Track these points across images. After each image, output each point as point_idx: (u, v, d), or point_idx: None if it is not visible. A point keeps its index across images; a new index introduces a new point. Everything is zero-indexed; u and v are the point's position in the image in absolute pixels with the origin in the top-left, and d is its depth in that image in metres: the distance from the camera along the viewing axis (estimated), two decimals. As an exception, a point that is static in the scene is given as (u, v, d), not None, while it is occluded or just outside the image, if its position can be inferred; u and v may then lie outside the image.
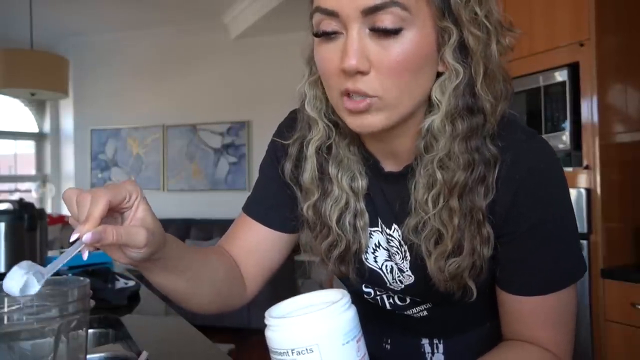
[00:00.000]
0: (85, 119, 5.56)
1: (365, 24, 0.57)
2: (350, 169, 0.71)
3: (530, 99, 2.03)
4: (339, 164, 0.71)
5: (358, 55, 0.57)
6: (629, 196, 1.92)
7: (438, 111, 0.61)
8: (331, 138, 0.70)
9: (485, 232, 0.63)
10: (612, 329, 1.78)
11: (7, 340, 0.53)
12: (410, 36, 0.57)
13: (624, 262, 1.88)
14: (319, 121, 0.70)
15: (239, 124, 5.04)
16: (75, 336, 0.58)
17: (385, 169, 0.71)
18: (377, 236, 0.74)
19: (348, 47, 0.57)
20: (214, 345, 0.99)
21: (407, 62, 0.58)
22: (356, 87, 0.59)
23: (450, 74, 0.61)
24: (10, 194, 5.66)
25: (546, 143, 0.66)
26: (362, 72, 0.58)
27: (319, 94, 0.69)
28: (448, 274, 0.64)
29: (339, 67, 0.59)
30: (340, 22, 0.58)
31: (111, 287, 1.35)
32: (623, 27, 1.95)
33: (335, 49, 0.59)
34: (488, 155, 0.62)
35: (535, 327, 0.66)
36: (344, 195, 0.71)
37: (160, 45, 5.29)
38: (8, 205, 1.89)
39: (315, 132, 0.70)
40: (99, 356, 0.98)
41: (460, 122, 0.61)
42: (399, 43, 0.57)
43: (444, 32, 0.59)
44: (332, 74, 0.61)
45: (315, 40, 0.63)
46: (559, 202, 0.65)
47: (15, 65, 3.29)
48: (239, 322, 4.06)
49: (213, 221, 4.91)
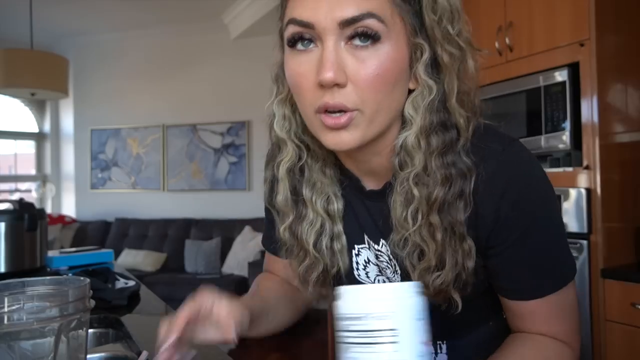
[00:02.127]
0: (85, 119, 5.56)
1: (341, 36, 0.56)
2: (325, 192, 0.70)
3: (530, 99, 2.02)
4: (313, 187, 0.70)
5: (335, 68, 0.56)
6: (629, 196, 1.92)
7: (411, 127, 0.61)
8: (302, 159, 0.69)
9: (466, 245, 0.63)
10: (612, 329, 1.78)
11: (7, 340, 0.53)
12: (386, 49, 0.57)
13: (624, 262, 1.88)
14: (288, 142, 0.68)
15: (239, 124, 5.04)
16: (75, 336, 0.58)
17: (367, 188, 0.71)
18: (365, 253, 0.74)
19: (325, 59, 0.56)
20: (214, 345, 0.99)
21: (384, 75, 0.57)
22: (336, 102, 0.57)
23: (423, 90, 0.61)
24: (10, 194, 5.66)
25: (522, 149, 0.65)
26: (339, 84, 0.57)
27: (287, 112, 0.68)
28: (433, 289, 0.63)
29: (314, 81, 0.58)
30: (316, 34, 0.57)
31: (111, 287, 1.35)
32: (623, 27, 1.95)
33: (310, 63, 0.58)
34: (464, 169, 0.61)
35: (540, 324, 0.67)
36: (319, 218, 0.70)
37: (160, 45, 5.29)
38: (8, 205, 1.90)
39: (284, 153, 0.69)
40: (99, 356, 0.98)
41: (435, 138, 0.61)
42: (375, 55, 0.57)
43: (417, 49, 0.60)
44: (307, 89, 0.59)
45: (287, 54, 0.61)
46: (543, 206, 0.64)
47: (15, 65, 3.29)
48: (239, 322, 4.06)
49: (213, 221, 4.91)
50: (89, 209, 5.55)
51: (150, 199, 5.39)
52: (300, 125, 0.67)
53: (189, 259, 4.62)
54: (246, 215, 4.77)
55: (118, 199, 5.49)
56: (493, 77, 2.18)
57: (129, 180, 5.48)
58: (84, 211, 5.56)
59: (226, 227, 4.75)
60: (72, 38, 5.44)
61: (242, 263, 4.28)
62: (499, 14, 2.18)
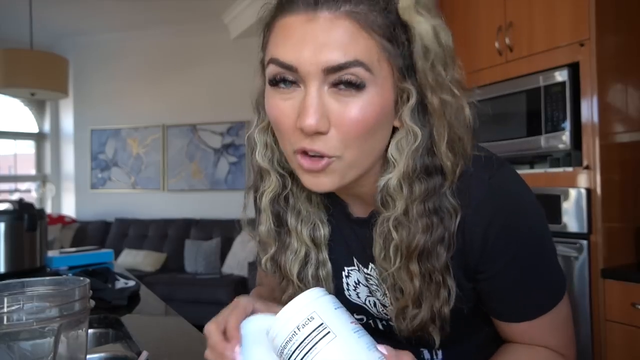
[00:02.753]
0: (85, 119, 5.56)
1: (325, 81, 0.54)
2: (311, 220, 0.69)
3: (530, 99, 2.02)
4: (298, 215, 0.68)
5: (318, 115, 0.54)
6: (629, 196, 1.92)
7: (394, 170, 0.60)
8: (287, 188, 0.67)
9: (444, 294, 0.62)
10: (612, 329, 1.78)
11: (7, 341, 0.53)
12: (371, 95, 0.55)
13: (624, 262, 1.88)
14: (272, 171, 0.66)
15: (239, 124, 5.04)
16: (75, 336, 0.58)
17: (354, 215, 0.70)
18: (355, 274, 0.73)
19: (307, 105, 0.54)
20: (214, 345, 0.99)
21: (367, 121, 0.55)
22: (314, 148, 0.56)
23: (408, 134, 0.59)
24: (10, 194, 5.66)
25: (510, 173, 0.64)
26: (320, 132, 0.55)
27: (269, 141, 0.66)
28: (411, 326, 0.64)
29: (294, 124, 0.56)
30: (299, 76, 0.55)
31: (111, 287, 1.34)
32: (623, 27, 1.95)
33: (292, 105, 0.56)
34: (449, 209, 0.60)
35: (535, 341, 0.66)
36: (303, 247, 0.68)
37: (160, 45, 5.29)
38: (8, 205, 1.89)
39: (267, 183, 0.67)
40: (99, 356, 0.98)
41: (418, 185, 0.59)
42: (359, 101, 0.54)
43: (403, 93, 0.58)
44: (286, 129, 0.57)
45: (269, 90, 0.59)
46: (531, 231, 0.63)
47: (15, 65, 3.28)
48: (239, 322, 4.06)
49: (213, 221, 4.91)
50: (88, 209, 5.55)
51: (150, 199, 5.39)
52: (283, 153, 0.64)
53: (188, 259, 4.62)
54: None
55: (118, 199, 5.49)
56: (493, 77, 2.18)
57: (129, 180, 5.48)
58: (83, 211, 5.56)
59: (226, 227, 4.75)
60: (72, 38, 5.44)
61: (242, 263, 4.28)
62: (499, 14, 2.18)
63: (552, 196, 1.93)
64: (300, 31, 0.54)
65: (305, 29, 0.54)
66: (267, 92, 0.60)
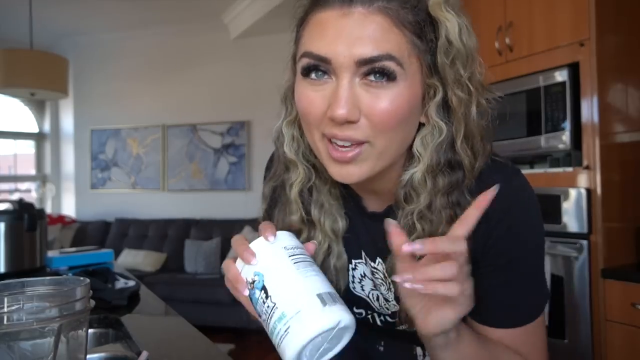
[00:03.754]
0: (85, 119, 5.56)
1: (357, 73, 0.56)
2: (332, 213, 0.71)
3: (530, 99, 2.03)
4: (321, 208, 0.71)
5: (349, 105, 0.56)
6: (629, 196, 1.92)
7: (419, 164, 0.62)
8: (311, 180, 0.70)
9: None
10: (612, 329, 1.78)
11: (7, 340, 0.53)
12: (401, 88, 0.57)
13: (624, 262, 1.88)
14: (299, 163, 0.69)
15: (239, 124, 5.04)
16: (75, 336, 0.58)
17: (368, 209, 0.72)
18: (361, 267, 0.74)
19: (339, 95, 0.56)
20: (214, 345, 0.99)
21: (397, 113, 0.57)
22: (345, 135, 0.57)
23: (433, 130, 0.61)
24: (10, 194, 5.66)
25: (524, 183, 0.65)
26: (351, 121, 0.57)
27: (296, 134, 0.69)
28: None
29: (324, 113, 0.58)
30: (332, 68, 0.57)
31: (111, 287, 1.35)
32: (623, 27, 1.95)
33: (323, 95, 0.58)
34: (466, 206, 0.61)
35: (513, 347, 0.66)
36: (327, 239, 0.71)
37: (160, 45, 5.29)
38: (8, 205, 1.89)
39: (294, 175, 0.70)
40: (99, 356, 0.98)
41: (442, 178, 0.62)
42: (390, 92, 0.56)
43: (430, 88, 0.60)
44: (315, 118, 0.59)
45: (299, 80, 0.61)
46: (532, 241, 0.65)
47: (15, 65, 3.28)
48: (239, 322, 4.06)
49: (213, 221, 4.91)
50: (88, 209, 5.55)
51: (150, 199, 5.39)
52: (308, 147, 0.68)
53: (188, 259, 4.62)
54: (246, 215, 4.77)
55: (118, 199, 5.49)
56: (493, 77, 2.18)
57: (128, 180, 5.48)
58: (83, 211, 5.56)
59: (226, 227, 4.75)
60: (72, 38, 5.44)
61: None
62: (499, 14, 2.18)
63: (552, 196, 1.93)
64: (335, 26, 0.56)
65: (341, 23, 0.56)
66: (297, 84, 0.62)
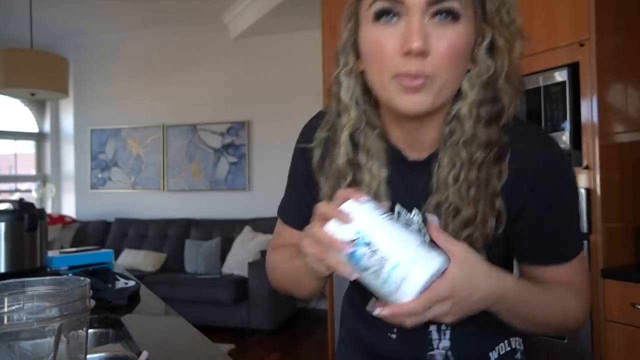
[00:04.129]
0: (85, 119, 5.56)
1: (426, 12, 0.63)
2: (379, 158, 0.75)
3: (530, 99, 2.02)
4: (368, 152, 0.75)
5: (423, 37, 0.62)
6: (629, 196, 1.92)
7: (465, 99, 0.69)
8: (361, 125, 0.75)
9: (497, 205, 0.69)
10: (612, 329, 1.78)
11: (7, 340, 0.53)
12: (463, 27, 0.64)
13: (624, 262, 1.88)
14: (352, 108, 0.74)
15: (239, 124, 5.04)
16: (75, 336, 0.58)
17: (409, 158, 0.76)
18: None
19: (413, 29, 0.62)
20: (214, 345, 0.99)
21: (459, 50, 0.64)
22: (418, 69, 0.63)
23: (480, 69, 0.68)
24: (10, 194, 5.66)
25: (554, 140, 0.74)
26: (424, 53, 0.62)
27: (352, 83, 0.74)
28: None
29: (397, 51, 0.64)
30: (404, 9, 0.63)
31: (111, 287, 1.35)
32: (623, 27, 1.95)
33: (394, 34, 0.64)
34: (504, 141, 0.69)
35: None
36: (374, 182, 0.75)
37: (160, 45, 5.29)
38: (8, 205, 1.89)
39: (346, 119, 0.75)
40: (99, 356, 0.98)
41: (484, 109, 0.69)
42: (454, 32, 0.64)
43: (480, 33, 0.68)
44: (388, 57, 0.65)
45: (370, 26, 0.67)
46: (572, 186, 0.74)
47: (15, 65, 3.28)
48: (239, 322, 4.06)
49: (213, 221, 4.91)
50: (89, 209, 5.55)
51: (150, 199, 5.39)
52: (361, 95, 0.74)
53: (189, 259, 4.62)
54: (246, 215, 4.77)
55: (118, 199, 5.49)
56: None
57: (129, 180, 5.48)
58: (84, 211, 5.56)
59: (226, 227, 4.75)
60: (72, 38, 5.45)
61: (242, 263, 4.28)
62: (499, 14, 2.18)
63: (552, 196, 1.93)
64: None
65: None
66: (367, 30, 0.68)
